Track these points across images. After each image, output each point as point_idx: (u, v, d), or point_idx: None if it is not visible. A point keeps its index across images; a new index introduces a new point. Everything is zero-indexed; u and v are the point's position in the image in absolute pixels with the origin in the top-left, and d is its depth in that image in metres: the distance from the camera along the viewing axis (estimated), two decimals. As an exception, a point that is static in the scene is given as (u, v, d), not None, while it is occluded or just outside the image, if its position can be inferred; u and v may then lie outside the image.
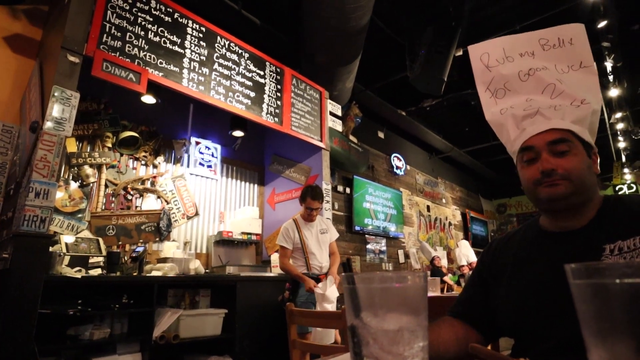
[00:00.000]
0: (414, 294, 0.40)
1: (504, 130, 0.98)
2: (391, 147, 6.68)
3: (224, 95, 3.14)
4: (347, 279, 0.42)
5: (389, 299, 0.40)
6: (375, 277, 0.41)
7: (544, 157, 0.85)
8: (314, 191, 3.09)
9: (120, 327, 2.67)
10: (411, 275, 0.41)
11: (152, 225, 3.47)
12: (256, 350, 3.05)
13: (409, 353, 0.39)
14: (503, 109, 0.97)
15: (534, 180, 0.87)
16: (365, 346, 0.40)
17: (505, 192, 10.18)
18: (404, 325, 0.39)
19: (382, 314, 0.40)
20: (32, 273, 2.00)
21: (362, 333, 0.40)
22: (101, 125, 3.31)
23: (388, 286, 0.41)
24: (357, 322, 0.40)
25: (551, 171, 0.84)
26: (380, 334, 0.39)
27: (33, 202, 2.06)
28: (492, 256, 1.00)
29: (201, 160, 3.96)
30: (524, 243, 0.95)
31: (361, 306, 0.41)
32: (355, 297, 0.41)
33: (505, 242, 1.01)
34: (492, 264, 0.99)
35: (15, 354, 1.89)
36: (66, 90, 2.26)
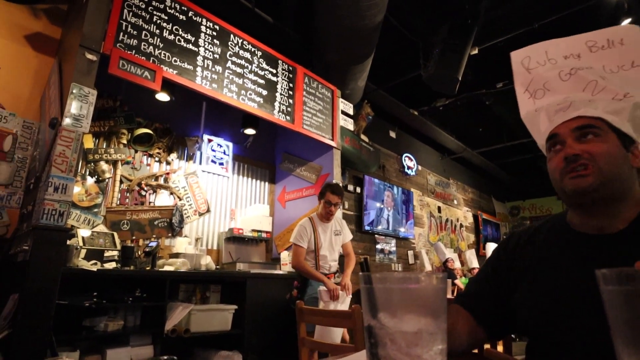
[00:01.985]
0: (434, 295, 0.41)
1: (536, 125, 0.93)
2: (403, 147, 6.65)
3: (237, 93, 3.16)
4: (364, 279, 0.42)
5: (408, 300, 0.41)
6: (393, 278, 0.42)
7: (568, 142, 0.81)
8: (334, 186, 3.10)
9: (134, 319, 2.72)
10: (430, 277, 0.41)
11: (164, 221, 3.52)
12: (264, 347, 3.08)
13: (428, 356, 0.39)
14: (538, 108, 0.92)
15: (559, 169, 0.82)
16: (383, 347, 0.40)
17: (518, 194, 10.04)
18: (423, 327, 0.40)
19: (401, 315, 0.40)
20: (51, 265, 2.05)
21: (380, 334, 0.41)
22: (117, 122, 3.37)
23: (407, 287, 0.41)
24: (374, 323, 0.41)
25: (575, 157, 0.78)
26: (399, 335, 0.40)
27: (52, 197, 2.11)
28: (512, 252, 0.93)
29: (213, 158, 4.00)
30: (550, 241, 0.88)
31: (379, 307, 0.41)
32: (373, 297, 0.42)
33: (527, 238, 0.93)
34: (512, 260, 0.92)
35: (35, 343, 1.94)
36: (84, 88, 2.31)
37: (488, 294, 0.92)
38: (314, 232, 3.01)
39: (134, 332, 2.66)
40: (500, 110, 6.12)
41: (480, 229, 8.48)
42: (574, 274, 0.78)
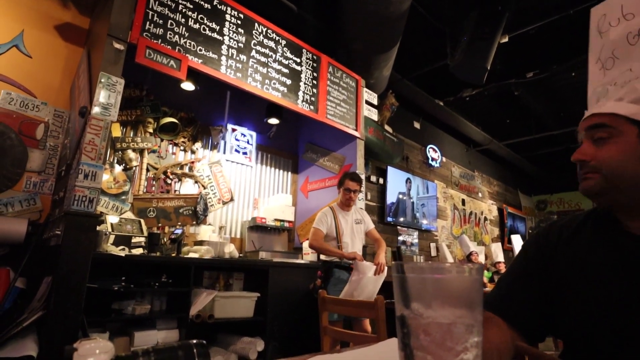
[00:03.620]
0: (470, 286, 0.39)
1: None
2: (427, 138, 6.53)
3: (261, 83, 3.16)
4: (397, 268, 0.41)
5: (443, 291, 0.39)
6: (428, 267, 0.40)
7: (583, 146, 0.78)
8: (353, 174, 3.18)
9: (160, 304, 2.79)
10: (467, 267, 0.39)
11: (189, 209, 3.59)
12: (286, 334, 3.11)
13: (462, 347, 0.37)
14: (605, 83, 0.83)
15: None
16: (415, 338, 0.39)
17: (546, 188, 9.72)
18: (458, 319, 0.38)
19: (435, 306, 0.38)
20: (82, 249, 2.12)
21: (413, 324, 0.39)
22: (143, 111, 3.43)
23: (442, 277, 0.39)
24: (407, 313, 0.40)
25: (581, 162, 0.77)
26: (433, 326, 0.38)
27: (82, 183, 2.17)
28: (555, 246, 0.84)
29: (237, 147, 4.03)
30: (598, 240, 0.79)
31: (412, 296, 0.40)
32: (406, 287, 0.40)
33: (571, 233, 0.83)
34: (553, 255, 0.83)
35: (67, 324, 2.02)
36: (112, 77, 2.35)
37: (523, 293, 0.83)
38: (334, 220, 3.04)
39: (160, 316, 2.73)
40: (530, 101, 5.91)
41: (505, 222, 8.28)
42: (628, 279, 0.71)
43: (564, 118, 6.15)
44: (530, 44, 4.46)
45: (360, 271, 2.85)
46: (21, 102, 2.80)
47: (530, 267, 0.86)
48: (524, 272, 0.87)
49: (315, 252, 3.23)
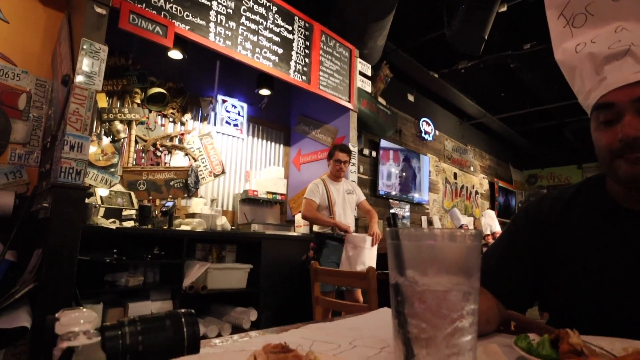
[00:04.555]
0: (468, 252, 0.37)
1: (577, 75, 0.73)
2: (421, 111, 6.47)
3: (251, 51, 3.06)
4: (392, 234, 0.39)
5: (439, 258, 0.38)
6: (423, 234, 0.38)
7: (627, 120, 0.63)
8: (342, 145, 3.19)
9: (153, 276, 2.80)
10: (464, 233, 0.38)
11: (180, 182, 3.55)
12: (279, 305, 3.16)
13: (458, 315, 0.36)
14: (580, 44, 0.71)
15: (610, 149, 0.67)
16: (410, 306, 0.38)
17: (538, 162, 9.80)
18: (455, 286, 0.36)
19: (431, 273, 0.37)
20: (71, 222, 2.09)
21: (407, 292, 0.38)
22: (130, 81, 3.33)
23: (439, 243, 0.38)
24: (401, 281, 0.38)
25: (635, 140, 0.62)
26: (428, 294, 0.37)
27: (68, 155, 2.12)
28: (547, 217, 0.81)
29: (227, 119, 3.96)
30: (593, 215, 0.76)
31: (407, 264, 0.38)
32: (401, 254, 0.38)
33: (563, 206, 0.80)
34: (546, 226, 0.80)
35: (59, 296, 2.02)
36: (94, 43, 2.25)
37: (512, 268, 0.82)
38: (326, 190, 3.05)
39: (153, 287, 2.74)
40: (525, 74, 5.85)
41: (495, 196, 8.37)
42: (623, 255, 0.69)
43: (558, 91, 6.11)
44: (529, 13, 4.36)
45: (357, 244, 2.88)
46: (0, 70, 2.69)
47: (519, 241, 0.84)
48: (513, 246, 0.85)
49: (309, 222, 3.25)
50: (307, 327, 0.76)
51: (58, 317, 0.43)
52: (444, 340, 0.36)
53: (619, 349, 0.56)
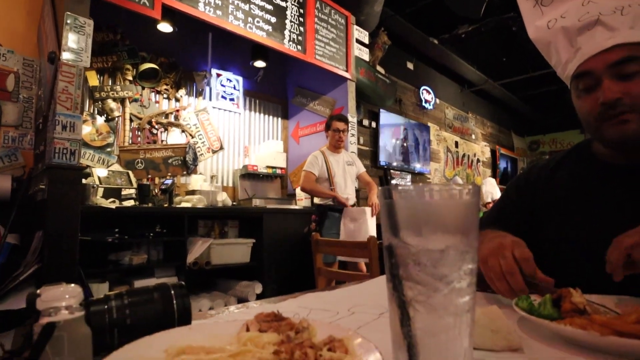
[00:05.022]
0: (465, 209, 0.35)
1: (552, 49, 0.77)
2: (420, 80, 6.34)
3: (243, 21, 2.96)
4: (384, 193, 0.36)
5: (436, 216, 0.35)
6: (418, 190, 0.36)
7: (606, 84, 0.67)
8: (338, 115, 3.16)
9: (157, 253, 2.82)
10: (461, 189, 0.35)
11: (178, 159, 3.52)
12: (283, 277, 3.19)
13: (455, 276, 0.34)
14: (551, 20, 0.75)
15: (594, 115, 0.70)
16: (404, 268, 0.35)
17: (540, 128, 9.67)
18: (451, 245, 0.34)
19: (426, 233, 0.35)
20: (69, 203, 2.08)
21: (401, 253, 0.35)
22: (120, 57, 3.24)
23: (433, 201, 0.35)
24: (395, 242, 0.36)
25: (615, 102, 0.66)
26: (423, 254, 0.34)
27: (61, 135, 2.08)
28: (534, 186, 0.87)
29: (223, 93, 3.88)
30: (578, 174, 0.81)
31: (400, 223, 0.36)
32: (394, 213, 0.36)
33: (549, 172, 0.86)
34: (533, 195, 0.86)
35: (63, 276, 2.03)
36: (79, 18, 2.17)
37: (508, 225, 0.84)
38: (325, 162, 3.02)
39: (157, 265, 2.77)
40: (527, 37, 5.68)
41: (497, 164, 8.33)
42: (606, 206, 0.73)
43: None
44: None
45: (356, 217, 2.88)
46: (-14, 51, 2.62)
47: (513, 204, 0.89)
48: (507, 207, 0.91)
49: (308, 195, 3.25)
50: (305, 296, 0.75)
51: (39, 293, 0.42)
52: (440, 302, 0.34)
53: (622, 307, 0.55)
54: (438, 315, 0.34)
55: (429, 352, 0.34)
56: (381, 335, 0.42)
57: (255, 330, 0.42)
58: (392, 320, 0.37)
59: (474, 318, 0.35)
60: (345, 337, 0.38)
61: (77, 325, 0.41)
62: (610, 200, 0.73)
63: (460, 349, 0.34)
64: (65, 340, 0.39)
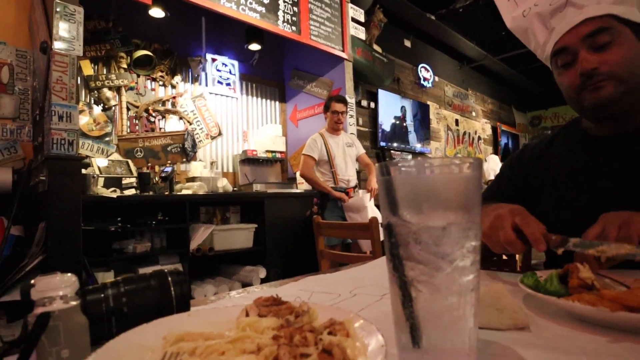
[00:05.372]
0: (466, 183, 0.33)
1: (530, 35, 0.83)
2: (418, 57, 6.24)
3: (236, 3, 2.89)
4: (381, 169, 0.35)
5: (436, 191, 0.34)
6: (417, 165, 0.34)
7: (582, 56, 0.71)
8: (337, 96, 3.10)
9: (160, 241, 2.83)
10: (461, 162, 0.33)
11: (177, 147, 3.50)
12: (286, 261, 3.21)
13: (459, 254, 0.33)
14: (525, 9, 0.81)
15: (575, 87, 0.74)
16: (405, 247, 0.34)
17: (541, 103, 9.55)
18: (453, 221, 0.33)
19: (426, 210, 0.33)
20: (69, 193, 2.08)
21: (401, 232, 0.34)
22: (113, 45, 3.19)
23: (433, 176, 0.34)
24: (394, 220, 0.34)
25: (592, 71, 0.70)
26: (424, 232, 0.33)
27: (58, 126, 2.06)
28: (527, 165, 0.91)
29: (219, 79, 3.83)
30: (568, 150, 0.85)
31: (399, 201, 0.34)
32: (392, 191, 0.35)
33: (543, 149, 0.90)
34: (527, 173, 0.90)
35: (68, 266, 2.05)
36: (68, 5, 2.13)
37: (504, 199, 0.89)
38: (325, 145, 2.99)
39: (161, 252, 2.78)
40: (527, 8, 5.55)
41: (498, 140, 8.27)
42: (600, 178, 0.76)
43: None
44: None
45: (359, 206, 2.88)
46: (-23, 43, 2.57)
47: (508, 183, 0.94)
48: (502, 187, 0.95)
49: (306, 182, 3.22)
50: (307, 279, 0.74)
51: (34, 283, 0.41)
52: (443, 282, 0.33)
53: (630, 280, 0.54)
54: (441, 295, 0.33)
55: (432, 333, 0.33)
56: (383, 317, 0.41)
57: (254, 315, 0.42)
58: (393, 301, 0.36)
59: (478, 297, 0.34)
60: (346, 320, 0.37)
61: (73, 315, 0.40)
62: (599, 172, 0.77)
63: (465, 329, 0.33)
64: (61, 330, 0.38)
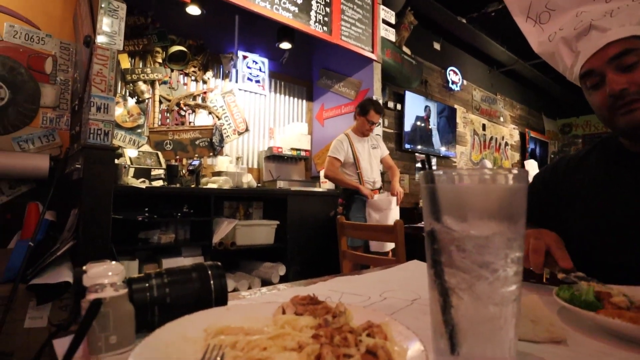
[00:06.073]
0: (513, 195, 0.34)
1: (557, 58, 0.84)
2: (447, 60, 6.14)
3: (270, 3, 2.93)
4: (425, 177, 0.35)
5: (481, 201, 0.34)
6: (461, 175, 0.35)
7: (609, 77, 0.72)
8: (377, 105, 3.04)
9: (184, 233, 2.90)
10: (508, 173, 0.34)
11: (205, 141, 3.57)
12: (307, 260, 3.23)
13: (501, 264, 0.33)
14: (551, 34, 0.82)
15: (606, 107, 0.75)
16: (447, 254, 0.35)
17: (572, 111, 9.23)
18: (497, 232, 0.33)
19: (471, 219, 0.34)
20: (103, 182, 2.15)
21: (444, 239, 0.35)
22: (150, 40, 3.28)
23: (479, 186, 0.34)
24: (438, 227, 0.35)
25: (621, 92, 0.70)
26: (467, 240, 0.33)
27: (95, 116, 2.14)
28: (562, 177, 0.91)
29: (249, 75, 3.89)
30: (602, 163, 0.85)
31: (443, 209, 0.35)
32: (436, 199, 0.35)
33: (577, 162, 0.91)
34: (561, 185, 0.90)
35: (97, 253, 2.12)
36: (113, 1, 2.21)
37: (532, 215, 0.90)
38: (351, 147, 2.99)
39: (184, 244, 2.85)
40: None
41: (526, 147, 8.06)
42: (627, 191, 0.77)
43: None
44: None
45: (383, 207, 2.87)
46: (26, 34, 2.70)
47: (540, 193, 0.94)
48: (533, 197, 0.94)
49: (332, 182, 3.23)
50: (336, 280, 0.75)
51: (86, 269, 0.43)
52: (484, 291, 0.33)
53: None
54: (482, 304, 0.33)
55: (472, 341, 0.33)
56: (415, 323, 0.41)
57: (291, 312, 0.43)
58: (432, 307, 0.36)
59: (519, 309, 0.34)
60: (383, 323, 0.37)
61: (122, 302, 0.42)
62: (632, 186, 0.77)
63: (506, 339, 0.33)
64: (110, 316, 0.40)
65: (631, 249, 0.72)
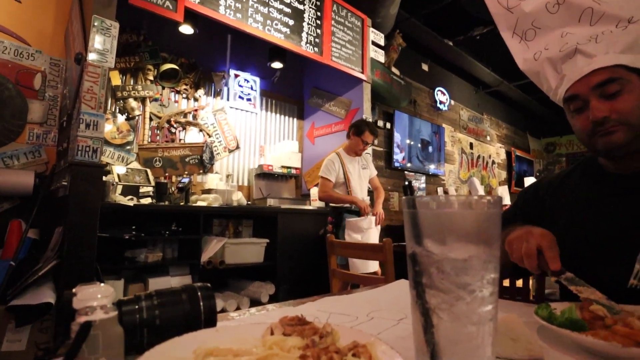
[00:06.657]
0: (487, 220, 0.36)
1: (542, 78, 0.87)
2: (435, 81, 6.30)
3: (262, 24, 2.99)
4: (408, 203, 0.37)
5: (459, 226, 0.36)
6: (441, 201, 0.37)
7: (592, 104, 0.75)
8: (372, 126, 3.10)
9: (172, 251, 2.86)
10: (483, 200, 0.36)
11: (195, 158, 3.57)
12: (297, 278, 3.21)
13: (478, 285, 0.35)
14: (537, 52, 0.85)
15: (586, 131, 0.79)
16: (428, 276, 0.36)
17: (556, 130, 9.48)
18: (474, 254, 0.35)
19: (450, 242, 0.36)
20: (89, 199, 2.13)
21: (425, 262, 0.36)
22: (142, 58, 3.31)
23: (457, 211, 0.36)
24: (419, 250, 0.37)
25: (604, 119, 0.74)
26: (446, 263, 0.35)
27: (84, 133, 2.14)
28: (543, 197, 0.94)
29: (240, 94, 3.93)
30: (584, 183, 0.88)
31: (424, 233, 0.37)
32: (417, 223, 0.37)
33: (560, 181, 0.94)
34: (542, 204, 0.93)
35: (81, 272, 2.08)
36: (105, 20, 2.23)
37: None
38: (342, 166, 3.01)
39: (172, 263, 2.81)
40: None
41: (512, 165, 8.21)
42: (611, 212, 0.79)
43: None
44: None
45: (363, 227, 2.89)
46: (15, 50, 2.70)
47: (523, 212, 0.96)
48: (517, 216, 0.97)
49: (327, 202, 3.23)
50: (324, 300, 0.76)
51: (75, 292, 0.44)
52: (463, 311, 0.35)
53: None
54: (461, 324, 0.35)
55: (452, 359, 0.35)
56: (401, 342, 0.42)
57: (279, 333, 0.44)
58: (415, 327, 0.38)
59: (496, 327, 0.36)
60: (369, 343, 0.39)
61: (111, 325, 0.42)
62: (613, 206, 0.80)
63: (484, 357, 0.34)
64: (100, 339, 0.41)
65: (611, 267, 0.75)
